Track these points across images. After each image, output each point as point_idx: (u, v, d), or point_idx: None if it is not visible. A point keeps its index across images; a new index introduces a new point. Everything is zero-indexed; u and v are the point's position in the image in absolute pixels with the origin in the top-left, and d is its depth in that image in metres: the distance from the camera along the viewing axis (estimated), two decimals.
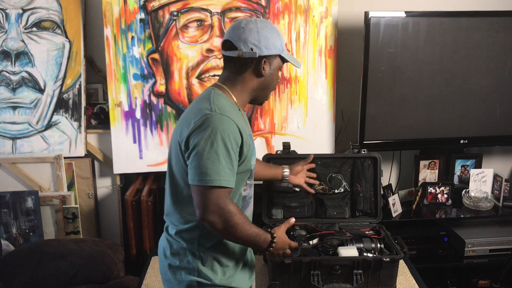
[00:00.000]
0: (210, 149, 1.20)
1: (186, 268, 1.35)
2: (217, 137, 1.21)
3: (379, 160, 2.13)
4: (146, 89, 2.41)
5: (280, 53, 1.35)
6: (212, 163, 1.20)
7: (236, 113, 1.31)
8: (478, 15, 2.38)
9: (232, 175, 1.24)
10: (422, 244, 2.45)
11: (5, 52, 2.39)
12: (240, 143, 1.26)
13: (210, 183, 1.20)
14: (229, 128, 1.23)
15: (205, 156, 1.20)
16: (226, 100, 1.31)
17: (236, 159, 1.26)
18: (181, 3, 2.34)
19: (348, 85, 2.56)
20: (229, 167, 1.23)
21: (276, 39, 1.33)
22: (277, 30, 1.36)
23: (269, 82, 1.37)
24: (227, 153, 1.22)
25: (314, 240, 1.93)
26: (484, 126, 2.52)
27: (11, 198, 2.45)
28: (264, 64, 1.33)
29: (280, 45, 1.35)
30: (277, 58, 1.36)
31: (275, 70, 1.37)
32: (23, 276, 2.14)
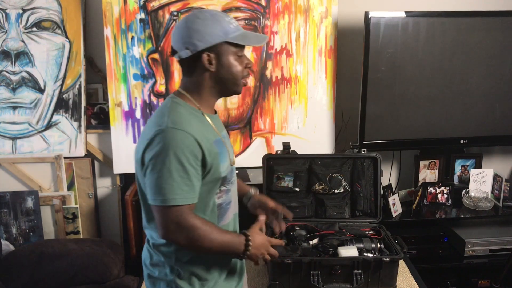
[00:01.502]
0: (162, 167, 1.15)
1: (164, 279, 1.33)
2: (169, 154, 1.15)
3: (379, 160, 2.13)
4: (146, 89, 2.41)
5: (222, 40, 1.22)
6: (165, 182, 1.16)
7: (197, 121, 1.24)
8: (478, 15, 2.38)
9: (190, 191, 1.19)
10: (422, 244, 2.45)
11: (5, 52, 2.39)
12: (200, 155, 1.20)
13: (166, 203, 1.16)
14: (182, 142, 1.16)
15: (158, 175, 1.16)
16: (185, 108, 1.25)
17: (198, 172, 1.20)
18: (181, 3, 2.34)
19: (348, 85, 2.56)
20: (186, 183, 1.17)
21: (211, 27, 1.21)
22: (214, 17, 1.23)
23: (226, 72, 1.26)
24: (183, 168, 1.16)
25: (314, 240, 1.93)
26: (484, 126, 2.52)
27: (11, 198, 2.45)
28: (208, 57, 1.23)
29: (220, 31, 1.22)
30: (224, 45, 1.23)
31: (226, 59, 1.25)
32: (23, 276, 2.14)
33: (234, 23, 1.26)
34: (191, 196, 1.19)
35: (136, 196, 2.41)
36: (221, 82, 1.28)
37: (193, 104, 1.28)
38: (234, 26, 1.25)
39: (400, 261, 1.91)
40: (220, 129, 1.35)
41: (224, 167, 1.29)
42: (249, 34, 1.30)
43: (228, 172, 1.32)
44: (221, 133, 1.34)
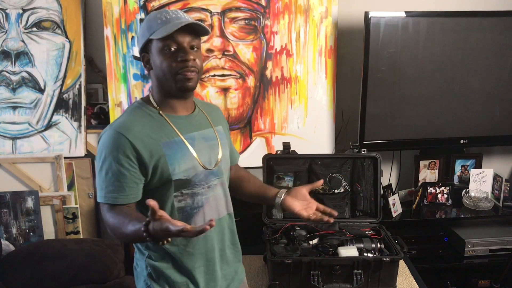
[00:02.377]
0: (98, 166, 1.24)
1: (142, 275, 1.35)
2: (102, 154, 1.22)
3: (379, 160, 2.13)
4: (146, 89, 2.41)
5: (146, 38, 1.24)
6: (98, 180, 1.24)
7: (149, 122, 1.25)
8: (478, 15, 2.38)
9: (116, 191, 1.21)
10: (422, 244, 2.45)
11: (5, 52, 2.39)
12: (134, 156, 1.21)
13: (99, 199, 1.24)
14: (114, 143, 1.20)
15: (96, 173, 1.25)
16: (142, 109, 1.28)
17: (132, 173, 1.21)
18: (181, 3, 2.34)
19: (348, 85, 2.56)
20: (113, 183, 1.21)
21: (142, 29, 1.25)
22: (149, 17, 1.25)
23: (158, 70, 1.25)
24: (112, 169, 1.21)
25: (314, 240, 1.93)
26: (484, 126, 2.52)
27: (11, 198, 2.45)
28: (146, 58, 1.27)
29: (146, 30, 1.24)
30: (152, 43, 1.24)
31: (155, 56, 1.24)
32: (23, 276, 2.14)
33: (164, 17, 1.22)
34: (115, 196, 1.22)
35: None
36: (160, 81, 1.27)
37: (151, 104, 1.30)
38: (162, 20, 1.22)
39: (400, 261, 1.91)
40: (189, 130, 1.31)
41: (177, 169, 1.25)
42: (168, 26, 1.21)
43: (192, 175, 1.28)
44: (189, 134, 1.30)
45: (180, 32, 1.21)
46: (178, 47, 1.23)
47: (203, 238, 1.32)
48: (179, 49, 1.23)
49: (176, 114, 1.31)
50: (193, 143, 1.30)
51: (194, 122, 1.34)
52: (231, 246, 1.44)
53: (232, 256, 1.45)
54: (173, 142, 1.26)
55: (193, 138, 1.31)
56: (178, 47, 1.23)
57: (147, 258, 1.32)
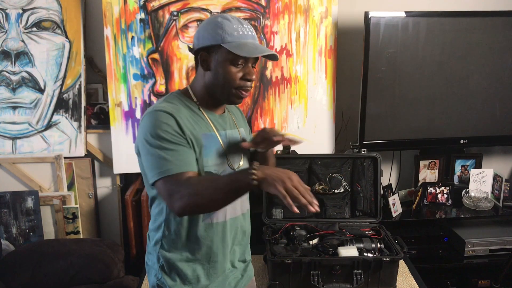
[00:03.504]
0: (150, 147, 1.20)
1: (154, 268, 1.36)
2: (151, 133, 1.20)
3: (379, 160, 2.13)
4: (146, 89, 2.41)
5: (216, 42, 1.23)
6: (156, 159, 1.19)
7: (190, 112, 1.27)
8: (478, 15, 2.38)
9: (179, 159, 1.19)
10: (422, 244, 2.45)
11: (5, 52, 2.39)
12: (180, 131, 1.21)
13: (160, 175, 1.18)
14: (160, 120, 1.20)
15: (148, 154, 1.21)
16: (180, 100, 1.29)
17: (183, 144, 1.21)
18: (181, 3, 2.34)
19: (348, 85, 2.56)
20: (174, 155, 1.19)
21: (212, 29, 1.23)
22: (222, 20, 1.23)
23: (216, 76, 1.26)
24: (168, 142, 1.19)
25: (314, 240, 1.93)
26: (484, 126, 2.52)
27: (11, 198, 2.45)
28: (203, 57, 1.26)
29: (218, 35, 1.22)
30: (221, 49, 1.23)
31: (220, 63, 1.24)
32: (23, 276, 2.14)
33: (241, 31, 1.23)
34: (181, 164, 1.19)
35: (136, 196, 2.41)
36: (213, 85, 1.28)
37: (191, 98, 1.31)
38: (239, 34, 1.23)
39: (400, 261, 1.92)
40: (222, 128, 1.35)
41: (211, 162, 1.27)
42: (248, 45, 1.23)
43: (221, 171, 1.30)
44: (222, 131, 1.33)
45: None
46: (244, 65, 1.26)
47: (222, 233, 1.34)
48: (245, 67, 1.26)
49: (213, 111, 1.34)
50: (224, 140, 1.33)
51: (225, 122, 1.38)
52: (243, 245, 1.46)
53: (243, 255, 1.47)
54: (210, 136, 1.29)
55: (224, 135, 1.34)
56: (244, 65, 1.26)
57: (160, 248, 1.33)
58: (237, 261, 1.44)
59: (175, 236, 1.31)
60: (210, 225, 1.31)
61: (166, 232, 1.31)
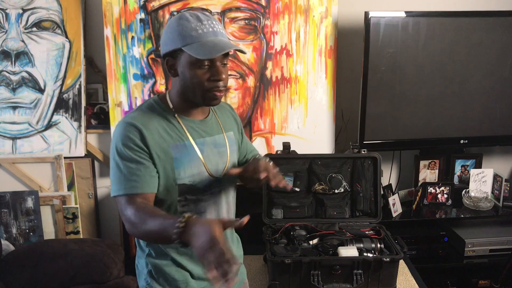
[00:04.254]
0: (112, 159, 1.22)
1: (143, 273, 1.35)
2: (116, 145, 1.20)
3: (379, 160, 2.13)
4: (146, 89, 2.41)
5: (176, 47, 1.17)
6: (113, 174, 1.21)
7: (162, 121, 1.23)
8: (478, 15, 2.38)
9: (129, 181, 1.17)
10: (422, 244, 2.45)
11: (5, 52, 2.39)
12: (145, 147, 1.18)
13: (114, 192, 1.20)
14: (125, 134, 1.18)
15: (111, 166, 1.22)
16: (156, 107, 1.25)
17: (143, 163, 1.18)
18: (181, 3, 2.34)
19: (348, 85, 2.56)
20: (125, 174, 1.18)
21: (171, 33, 1.17)
22: (181, 22, 1.16)
23: (186, 81, 1.20)
24: (123, 160, 1.18)
25: (314, 240, 1.93)
26: (484, 126, 2.52)
27: (11, 198, 2.45)
28: (170, 62, 1.22)
29: (178, 38, 1.16)
30: (183, 53, 1.17)
31: (185, 67, 1.19)
32: (23, 276, 2.14)
33: (201, 30, 1.15)
34: (133, 185, 1.18)
35: None
36: (184, 90, 1.23)
37: (167, 105, 1.27)
38: (198, 33, 1.15)
39: (400, 261, 1.91)
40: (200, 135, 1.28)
41: (183, 174, 1.23)
42: (208, 44, 1.15)
43: (198, 181, 1.26)
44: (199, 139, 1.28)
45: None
46: (211, 65, 1.19)
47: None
48: (211, 66, 1.19)
49: (191, 117, 1.29)
50: (202, 148, 1.28)
51: (207, 128, 1.32)
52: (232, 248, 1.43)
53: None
54: (183, 146, 1.25)
55: (203, 143, 1.29)
56: (211, 65, 1.19)
57: (147, 255, 1.32)
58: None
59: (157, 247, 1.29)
60: None
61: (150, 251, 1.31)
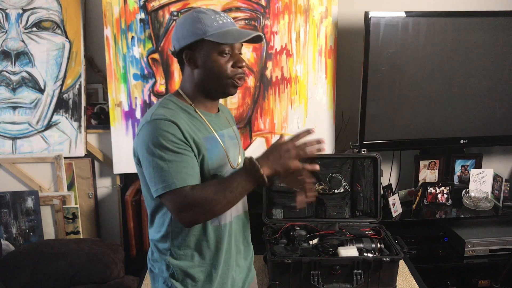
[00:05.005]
0: (152, 158, 1.17)
1: (161, 276, 1.34)
2: (155, 143, 1.16)
3: (379, 160, 2.13)
4: (146, 89, 2.41)
5: (198, 38, 1.21)
6: (159, 171, 1.16)
7: (187, 116, 1.25)
8: (478, 15, 2.38)
9: (183, 172, 1.17)
10: (422, 244, 2.45)
11: (5, 52, 2.39)
12: (184, 139, 1.19)
13: (165, 189, 1.16)
14: (164, 129, 1.17)
15: (151, 165, 1.18)
16: (176, 104, 1.26)
17: (187, 154, 1.19)
18: (181, 3, 2.34)
19: (348, 85, 2.56)
20: (177, 165, 1.16)
21: (191, 26, 1.22)
22: (198, 15, 1.22)
23: (208, 70, 1.24)
24: (172, 152, 1.16)
25: (314, 240, 1.93)
26: (484, 126, 2.52)
27: (11, 198, 2.45)
28: (188, 55, 1.25)
29: (199, 29, 1.21)
30: (205, 43, 1.22)
31: (207, 57, 1.23)
32: (23, 276, 2.14)
33: (221, 21, 1.22)
34: (186, 177, 1.17)
35: (136, 196, 2.41)
36: (206, 81, 1.26)
37: (185, 101, 1.29)
38: (219, 24, 1.22)
39: (400, 261, 1.92)
40: (219, 128, 1.33)
41: (215, 164, 1.27)
42: (232, 32, 1.22)
43: (224, 172, 1.30)
44: (220, 132, 1.32)
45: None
46: (232, 53, 1.24)
47: (228, 234, 1.34)
48: (232, 54, 1.25)
49: (207, 111, 1.32)
50: (223, 140, 1.32)
51: (221, 121, 1.37)
52: (245, 243, 1.46)
53: (246, 252, 1.47)
54: (211, 138, 1.28)
55: (222, 135, 1.33)
56: (232, 53, 1.24)
57: (170, 257, 1.31)
58: (242, 259, 1.44)
59: (183, 244, 1.29)
60: (218, 227, 1.31)
61: (174, 241, 1.29)
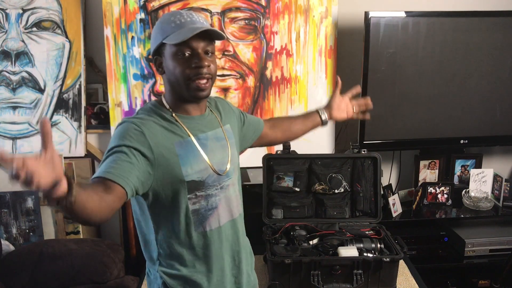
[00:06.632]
0: (105, 155, 1.16)
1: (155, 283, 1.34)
2: (113, 143, 1.16)
3: (379, 160, 2.13)
4: (146, 89, 2.41)
5: (159, 42, 1.21)
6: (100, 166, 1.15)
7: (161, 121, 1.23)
8: (478, 15, 2.38)
9: (116, 168, 1.10)
10: (422, 244, 2.45)
11: (5, 52, 2.39)
12: (142, 147, 1.16)
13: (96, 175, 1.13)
14: (127, 132, 1.16)
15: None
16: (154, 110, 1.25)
17: (139, 162, 1.14)
18: (181, 3, 2.34)
19: (348, 85, 2.55)
20: (115, 161, 1.12)
21: (155, 30, 1.22)
22: (161, 20, 1.22)
23: (170, 75, 1.22)
24: (119, 151, 1.13)
25: (314, 240, 1.93)
26: (484, 126, 2.52)
27: (11, 198, 2.45)
28: (158, 61, 1.24)
29: (159, 34, 1.20)
30: (166, 47, 1.20)
31: (168, 60, 1.21)
32: (23, 276, 2.14)
33: (179, 21, 1.18)
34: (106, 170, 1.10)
35: None
36: (173, 85, 1.24)
37: (164, 107, 1.27)
38: (177, 24, 1.18)
39: (400, 261, 1.92)
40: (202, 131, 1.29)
41: (191, 170, 1.23)
42: (184, 30, 1.17)
43: (206, 177, 1.26)
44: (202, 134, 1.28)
45: (194, 37, 1.17)
46: (192, 53, 1.19)
47: (218, 240, 1.31)
48: (193, 54, 1.20)
49: (188, 115, 1.29)
50: (206, 143, 1.28)
51: (206, 122, 1.32)
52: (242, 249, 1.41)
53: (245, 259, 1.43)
54: (187, 142, 1.24)
55: (206, 138, 1.29)
56: (192, 53, 1.19)
57: (159, 266, 1.30)
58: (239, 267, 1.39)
59: (170, 253, 1.28)
60: (204, 233, 1.28)
61: (161, 251, 1.29)
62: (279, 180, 2.14)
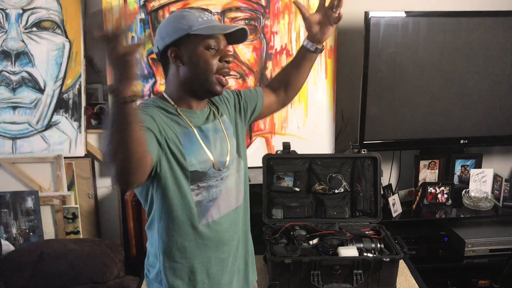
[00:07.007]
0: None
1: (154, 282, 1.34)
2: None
3: (379, 160, 2.13)
4: (146, 89, 2.41)
5: (184, 33, 1.20)
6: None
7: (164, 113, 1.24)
8: (478, 15, 2.38)
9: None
10: (422, 244, 2.45)
11: (5, 52, 2.39)
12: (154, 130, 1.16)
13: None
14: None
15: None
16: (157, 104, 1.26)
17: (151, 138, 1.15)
18: (181, 3, 2.34)
19: (348, 85, 2.56)
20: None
21: (176, 23, 1.22)
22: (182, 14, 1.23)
23: (195, 65, 1.22)
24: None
25: (314, 240, 1.93)
26: (484, 126, 2.52)
27: (11, 198, 2.45)
28: (174, 52, 1.23)
29: (183, 25, 1.20)
30: (191, 38, 1.20)
31: (193, 52, 1.22)
32: (23, 276, 2.14)
33: (205, 17, 1.22)
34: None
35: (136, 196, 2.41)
36: (191, 78, 1.24)
37: (167, 101, 1.28)
38: (204, 20, 1.21)
39: (400, 261, 1.92)
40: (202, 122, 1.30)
41: (195, 160, 1.24)
42: (217, 25, 1.23)
43: (208, 168, 1.27)
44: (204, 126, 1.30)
45: (221, 35, 1.24)
46: (217, 47, 1.23)
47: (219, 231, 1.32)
48: (219, 49, 1.24)
49: (191, 109, 1.30)
50: (207, 135, 1.30)
51: (206, 116, 1.34)
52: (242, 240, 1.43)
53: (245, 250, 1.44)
54: (190, 133, 1.26)
55: (207, 129, 1.31)
56: (217, 47, 1.23)
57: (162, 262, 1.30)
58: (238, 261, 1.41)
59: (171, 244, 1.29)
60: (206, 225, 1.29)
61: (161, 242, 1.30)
62: (279, 180, 2.14)
